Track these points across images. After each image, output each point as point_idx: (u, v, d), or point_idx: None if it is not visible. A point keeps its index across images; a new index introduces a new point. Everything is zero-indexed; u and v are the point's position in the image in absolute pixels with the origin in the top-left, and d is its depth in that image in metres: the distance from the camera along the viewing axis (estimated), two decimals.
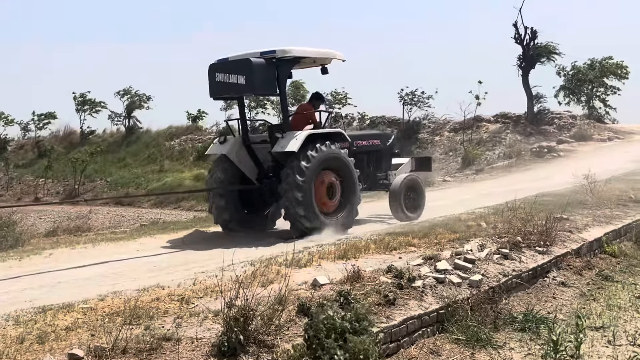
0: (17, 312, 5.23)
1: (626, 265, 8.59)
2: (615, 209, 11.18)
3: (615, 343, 5.71)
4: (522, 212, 8.96)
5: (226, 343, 4.16)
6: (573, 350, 5.22)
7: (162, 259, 8.19)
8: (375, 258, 6.85)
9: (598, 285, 7.69)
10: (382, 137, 11.63)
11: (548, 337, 5.39)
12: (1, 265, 8.21)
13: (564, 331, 5.51)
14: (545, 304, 6.70)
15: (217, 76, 9.35)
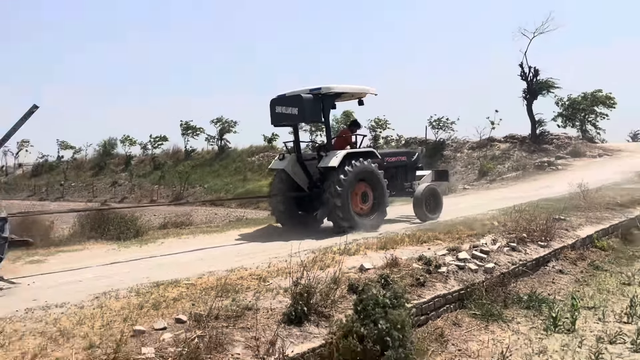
0: (138, 286, 5.57)
1: (613, 258, 8.77)
2: (604, 212, 11.26)
3: (605, 320, 5.90)
4: (527, 214, 9.26)
5: (293, 313, 4.53)
6: (569, 325, 5.52)
7: (245, 247, 8.56)
8: (408, 249, 7.07)
9: (590, 273, 7.87)
10: (408, 154, 11.91)
11: (548, 314, 5.73)
12: (126, 250, 8.74)
13: (561, 309, 5.85)
14: (545, 288, 6.91)
15: (277, 108, 9.86)
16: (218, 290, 5.19)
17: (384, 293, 4.51)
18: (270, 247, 8.17)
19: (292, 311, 4.47)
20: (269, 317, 4.51)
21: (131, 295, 5.22)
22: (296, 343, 4.15)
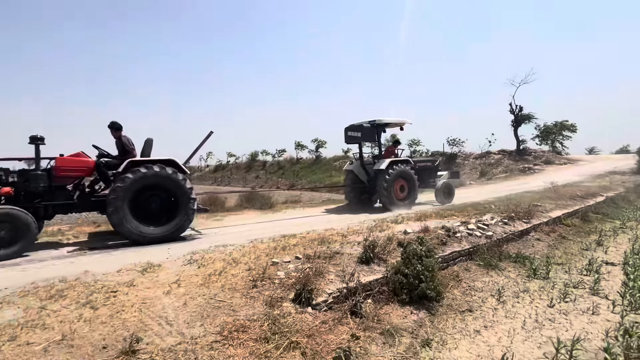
0: (273, 236, 5.69)
1: (576, 231, 7.84)
2: (569, 201, 10.08)
3: (570, 273, 5.36)
4: (514, 201, 8.61)
5: (364, 257, 4.48)
6: (544, 275, 5.14)
7: (332, 216, 8.53)
8: (434, 221, 6.73)
9: (559, 241, 7.05)
10: (432, 161, 11.34)
11: (529, 266, 5.32)
12: (265, 215, 8.95)
13: (539, 264, 5.32)
14: (527, 250, 6.30)
15: (348, 132, 9.80)
16: (318, 241, 5.25)
17: (420, 248, 4.40)
18: (347, 217, 8.13)
19: (364, 256, 4.44)
20: (349, 259, 4.46)
21: (269, 241, 5.34)
22: (366, 275, 4.11)
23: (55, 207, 5.49)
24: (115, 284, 3.54)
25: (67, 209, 5.64)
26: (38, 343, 2.45)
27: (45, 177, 5.37)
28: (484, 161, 26.48)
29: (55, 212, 5.56)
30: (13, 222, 4.74)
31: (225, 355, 2.54)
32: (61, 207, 5.56)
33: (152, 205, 5.77)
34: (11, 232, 4.73)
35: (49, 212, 5.46)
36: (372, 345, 3.02)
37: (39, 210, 5.31)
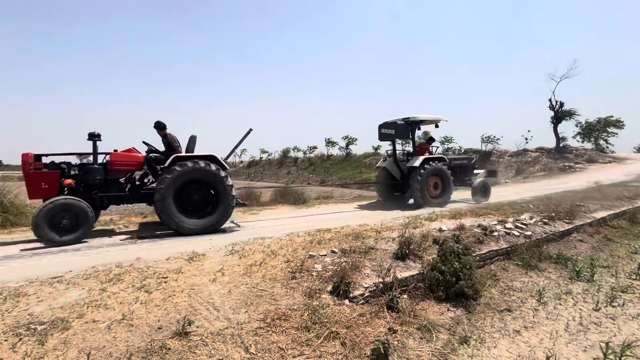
0: (307, 231, 5.78)
1: (623, 234, 7.27)
2: (615, 201, 9.34)
3: (617, 276, 4.98)
4: (554, 200, 8.12)
5: (400, 253, 4.46)
6: (589, 277, 4.82)
7: (364, 212, 8.50)
8: (469, 219, 6.53)
9: (604, 243, 6.56)
10: (468, 159, 10.95)
11: (572, 268, 5.02)
12: (299, 210, 9.11)
13: (583, 266, 4.98)
14: (569, 251, 5.93)
15: (382, 130, 9.70)
16: (353, 236, 5.28)
17: (457, 245, 4.32)
18: (379, 214, 8.08)
19: (399, 252, 4.43)
20: (384, 254, 4.46)
21: (305, 235, 5.43)
22: (402, 271, 4.09)
23: (109, 198, 5.92)
24: (165, 270, 3.78)
25: (119, 200, 6.06)
26: (102, 321, 2.69)
27: (101, 171, 5.81)
28: (520, 159, 25.30)
29: (110, 202, 5.99)
30: (75, 211, 5.17)
31: (268, 341, 2.65)
32: (115, 199, 5.98)
33: (195, 198, 6.06)
34: (73, 220, 5.17)
35: (104, 202, 5.89)
36: (409, 339, 3.03)
37: (95, 201, 5.74)
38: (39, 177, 5.35)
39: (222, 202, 6.06)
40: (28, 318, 2.68)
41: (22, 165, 5.34)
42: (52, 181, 5.42)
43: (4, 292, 3.14)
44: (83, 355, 2.29)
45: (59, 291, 3.20)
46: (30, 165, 5.33)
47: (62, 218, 5.13)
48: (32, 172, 5.33)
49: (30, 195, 5.39)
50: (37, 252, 4.74)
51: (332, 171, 34.07)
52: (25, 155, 5.34)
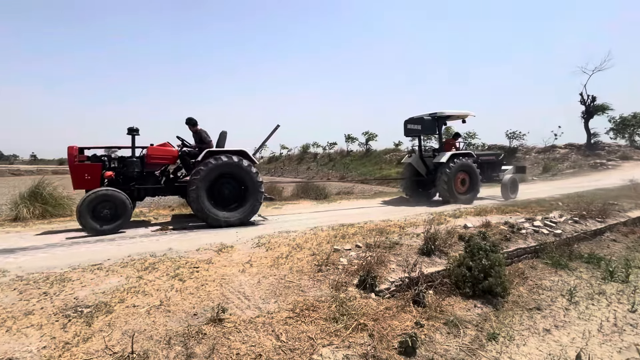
0: (331, 225, 5.82)
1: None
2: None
3: None
4: (586, 198, 7.81)
5: (425, 248, 4.45)
6: (623, 277, 4.64)
7: (387, 208, 8.47)
8: (495, 217, 6.40)
9: (639, 243, 6.28)
10: (496, 155, 10.68)
11: (605, 268, 4.84)
12: (321, 205, 9.18)
13: (616, 266, 4.78)
14: (602, 250, 5.71)
15: (408, 125, 9.61)
16: (376, 231, 5.30)
17: (485, 242, 4.26)
18: (403, 210, 8.03)
19: (425, 247, 4.42)
20: (409, 250, 4.47)
21: (329, 229, 5.47)
22: (427, 266, 4.09)
23: (146, 190, 6.20)
24: (196, 261, 3.92)
25: (154, 192, 6.33)
26: (142, 306, 2.83)
27: (139, 164, 6.07)
28: (547, 156, 24.44)
29: (146, 194, 6.26)
30: (115, 202, 5.44)
31: (298, 330, 2.72)
32: (151, 190, 6.25)
33: (225, 192, 6.22)
34: (113, 211, 5.45)
35: (141, 194, 6.17)
36: (436, 334, 3.03)
37: (133, 192, 6.01)
38: (82, 168, 5.67)
39: (251, 196, 6.20)
40: (74, 301, 2.86)
41: (68, 157, 5.66)
42: (95, 173, 5.72)
43: (50, 277, 3.35)
44: (126, 336, 2.43)
45: (100, 277, 3.38)
46: (75, 158, 5.65)
47: (103, 208, 5.41)
48: (76, 164, 5.65)
49: (74, 186, 5.71)
50: (77, 241, 5.00)
51: (351, 167, 33.98)
52: (71, 148, 5.65)
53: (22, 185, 7.82)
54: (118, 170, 6.04)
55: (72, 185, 5.75)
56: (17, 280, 3.26)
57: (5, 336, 2.31)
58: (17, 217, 6.60)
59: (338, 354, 2.52)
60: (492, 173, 10.07)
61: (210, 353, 2.38)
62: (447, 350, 2.85)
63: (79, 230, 5.62)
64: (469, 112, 9.52)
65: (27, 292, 2.99)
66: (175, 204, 8.91)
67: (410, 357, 2.67)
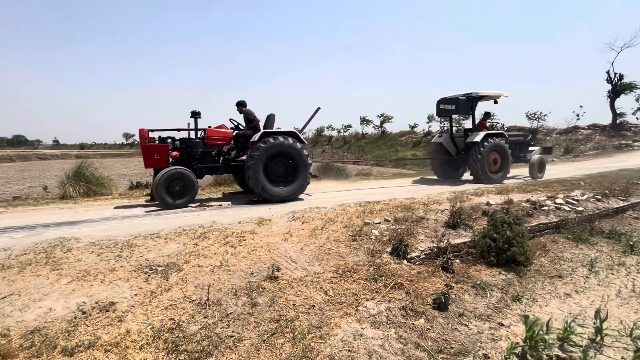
0: (357, 202, 6.12)
1: None
2: None
3: None
4: (608, 178, 7.94)
5: (451, 222, 4.71)
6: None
7: (409, 187, 8.71)
8: (517, 195, 6.54)
9: None
10: (524, 136, 10.74)
11: (626, 242, 5.01)
12: (344, 185, 9.48)
13: (637, 240, 4.92)
14: (623, 227, 5.81)
15: (440, 105, 9.68)
16: (402, 208, 5.58)
17: (507, 216, 4.52)
18: (424, 189, 8.28)
19: (450, 221, 4.69)
20: (436, 223, 4.75)
21: (356, 206, 5.75)
22: (454, 238, 4.37)
23: (206, 169, 6.79)
24: (240, 231, 4.33)
25: (213, 171, 6.95)
26: (205, 266, 3.25)
27: (201, 144, 6.58)
28: (569, 137, 23.94)
29: (206, 172, 6.86)
30: (184, 179, 5.99)
31: (343, 288, 3.10)
32: (210, 169, 6.84)
33: (279, 170, 6.69)
34: (183, 187, 6.01)
35: (202, 172, 6.75)
36: (465, 294, 3.37)
37: (195, 171, 6.54)
38: (153, 149, 6.24)
39: (301, 174, 6.69)
40: (146, 262, 3.30)
41: (140, 138, 6.31)
42: (163, 153, 6.29)
43: (118, 243, 3.81)
44: (199, 289, 2.85)
45: (160, 244, 3.82)
46: (145, 139, 6.23)
47: (176, 185, 5.96)
48: (147, 145, 6.21)
49: (145, 165, 6.31)
50: (127, 214, 5.49)
51: (367, 150, 34.04)
52: (142, 130, 6.27)
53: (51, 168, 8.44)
54: (182, 150, 6.56)
55: (144, 164, 6.37)
56: (90, 245, 3.73)
57: (101, 286, 2.77)
58: (65, 196, 7.18)
59: (381, 306, 2.90)
60: (520, 153, 10.17)
61: (271, 303, 2.78)
62: (476, 307, 3.19)
63: (126, 207, 6.13)
64: (502, 93, 9.56)
65: (104, 255, 3.45)
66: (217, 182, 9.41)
67: (442, 312, 3.02)
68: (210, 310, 2.59)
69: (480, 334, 2.79)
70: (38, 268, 3.03)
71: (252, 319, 2.58)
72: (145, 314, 2.46)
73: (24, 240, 3.94)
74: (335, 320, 2.68)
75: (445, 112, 9.71)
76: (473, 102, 9.49)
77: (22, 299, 2.49)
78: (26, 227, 4.70)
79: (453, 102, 9.39)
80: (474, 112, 9.79)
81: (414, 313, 2.89)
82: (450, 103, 9.46)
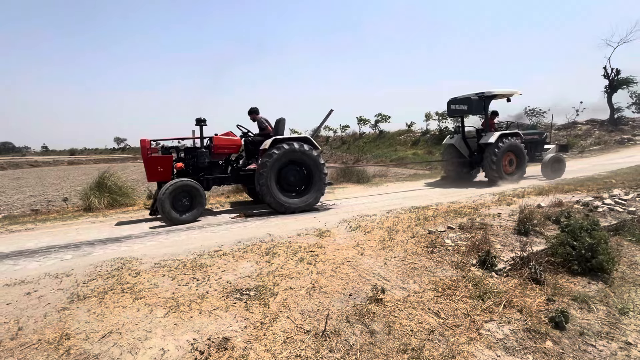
0: (403, 208, 5.85)
1: None
2: None
3: None
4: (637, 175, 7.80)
5: (522, 229, 4.51)
6: None
7: (438, 190, 8.47)
8: (558, 195, 6.34)
9: None
10: (539, 134, 10.61)
11: None
12: (370, 189, 9.21)
13: None
14: None
15: (452, 106, 9.52)
16: (453, 213, 5.35)
17: (582, 222, 4.34)
18: (456, 191, 8.05)
19: (520, 227, 4.49)
20: (504, 230, 4.54)
21: (406, 212, 5.52)
22: (530, 246, 4.21)
23: (214, 180, 6.30)
24: (306, 245, 4.05)
25: (221, 182, 6.45)
26: (298, 289, 2.98)
27: (207, 154, 6.16)
28: (569, 132, 24.21)
29: (214, 184, 6.37)
30: (192, 192, 5.57)
31: (451, 308, 2.87)
32: (217, 180, 6.36)
33: (291, 178, 6.31)
34: (190, 200, 5.61)
35: (209, 184, 6.28)
36: (569, 309, 3.18)
37: (202, 183, 6.13)
38: (156, 161, 5.78)
39: (317, 181, 6.33)
40: (229, 285, 3.01)
41: (142, 150, 5.75)
42: (167, 165, 5.83)
43: (185, 263, 3.50)
44: (306, 316, 2.58)
45: (231, 263, 3.53)
46: (148, 150, 5.75)
47: (182, 198, 5.55)
48: (150, 156, 5.75)
49: (148, 178, 5.83)
50: (171, 229, 5.17)
51: (366, 149, 33.90)
52: (144, 141, 5.74)
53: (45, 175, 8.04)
54: (187, 161, 6.16)
55: (146, 178, 5.89)
56: (157, 267, 3.41)
57: (202, 318, 2.48)
58: (89, 207, 6.79)
59: (504, 328, 2.68)
60: (535, 152, 10.06)
61: (389, 330, 2.53)
62: (590, 324, 2.99)
63: (160, 219, 5.79)
64: (516, 91, 9.43)
65: (179, 278, 3.15)
66: (228, 191, 9.06)
67: (562, 331, 2.82)
68: (332, 342, 2.33)
69: (614, 356, 2.60)
70: (118, 297, 2.73)
71: (377, 350, 2.34)
72: (268, 350, 2.19)
73: (77, 263, 3.61)
74: (463, 347, 2.45)
75: (457, 113, 9.51)
76: (485, 102, 9.25)
77: (125, 338, 2.19)
78: (69, 245, 4.35)
79: (465, 102, 9.18)
80: (487, 111, 9.55)
81: (538, 335, 2.68)
82: (461, 103, 9.26)
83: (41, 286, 2.95)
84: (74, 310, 2.52)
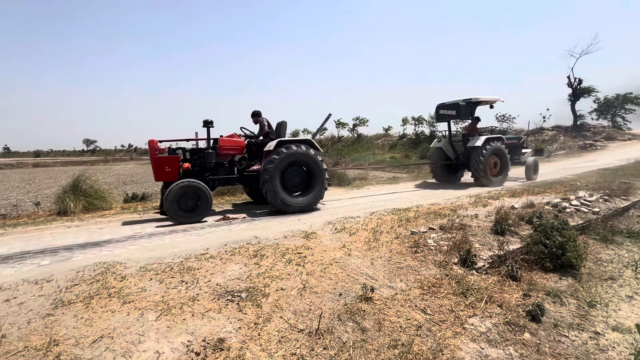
0: (385, 210, 6.00)
1: None
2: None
3: None
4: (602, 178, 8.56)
5: (498, 229, 4.74)
6: None
7: (420, 192, 8.68)
8: (529, 197, 6.75)
9: None
10: (518, 139, 11.27)
11: None
12: (351, 191, 9.35)
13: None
14: (634, 226, 6.08)
15: (440, 111, 9.97)
16: (433, 214, 5.55)
17: (553, 222, 4.63)
18: (435, 193, 8.30)
19: (498, 228, 4.72)
20: (482, 230, 4.75)
21: (389, 214, 5.66)
22: (506, 245, 4.44)
23: (219, 180, 6.41)
24: (293, 246, 4.09)
25: (226, 182, 6.58)
26: (289, 289, 3.01)
27: (214, 155, 6.20)
28: (536, 138, 25.49)
29: (219, 184, 6.49)
30: (198, 193, 5.60)
31: (436, 305, 3.00)
32: (223, 180, 6.47)
33: (295, 179, 6.44)
34: (197, 201, 5.63)
35: (215, 184, 6.37)
36: (545, 303, 3.38)
37: (208, 183, 6.18)
38: (163, 161, 5.83)
39: (318, 183, 6.49)
40: (219, 287, 3.01)
41: (149, 150, 5.84)
42: (174, 165, 5.90)
43: (172, 266, 3.46)
44: (299, 315, 2.63)
45: (219, 265, 3.52)
46: (156, 151, 5.80)
47: (189, 199, 5.55)
48: (158, 157, 5.80)
49: (156, 178, 5.89)
50: (153, 232, 5.06)
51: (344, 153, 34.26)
52: (152, 141, 5.83)
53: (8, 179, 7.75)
54: (193, 161, 6.19)
55: (154, 177, 5.93)
56: (143, 270, 3.35)
57: (195, 320, 2.47)
58: (64, 211, 6.53)
59: (486, 322, 2.82)
60: (514, 156, 10.62)
61: (379, 327, 2.62)
62: (563, 317, 3.20)
63: (137, 222, 5.67)
64: (499, 98, 9.96)
65: (166, 281, 3.11)
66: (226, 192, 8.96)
67: (538, 324, 3.00)
68: (326, 340, 2.39)
69: (585, 345, 2.80)
70: (105, 302, 2.67)
71: (369, 347, 2.41)
72: (263, 349, 2.22)
73: (57, 268, 3.48)
74: (450, 341, 2.57)
75: (445, 118, 9.98)
76: (472, 107, 9.84)
77: (117, 342, 2.16)
78: (46, 250, 4.19)
79: (453, 108, 9.68)
80: (473, 116, 10.11)
81: (517, 327, 2.85)
82: (450, 108, 9.75)
83: (20, 292, 2.84)
84: (59, 316, 2.45)
